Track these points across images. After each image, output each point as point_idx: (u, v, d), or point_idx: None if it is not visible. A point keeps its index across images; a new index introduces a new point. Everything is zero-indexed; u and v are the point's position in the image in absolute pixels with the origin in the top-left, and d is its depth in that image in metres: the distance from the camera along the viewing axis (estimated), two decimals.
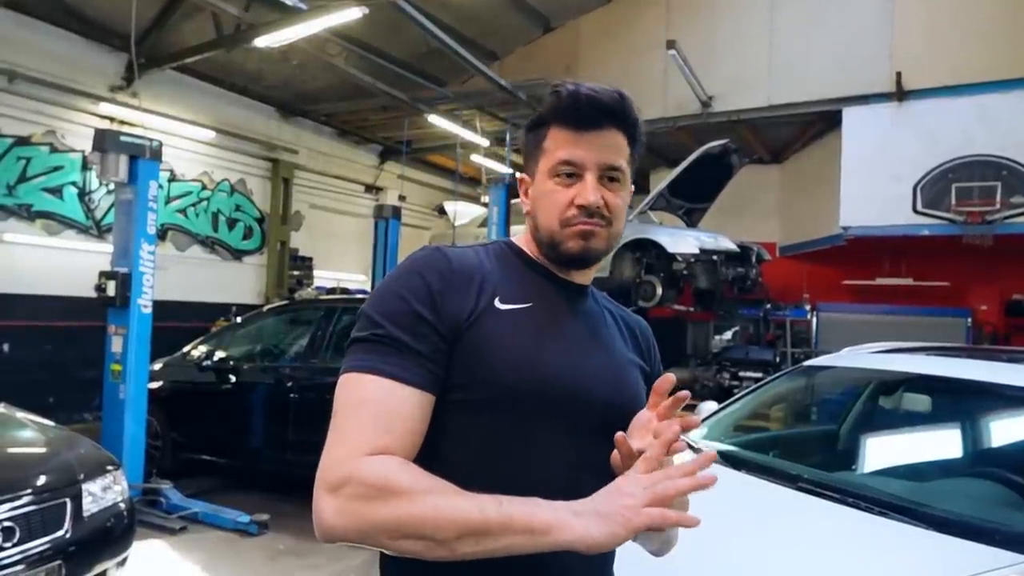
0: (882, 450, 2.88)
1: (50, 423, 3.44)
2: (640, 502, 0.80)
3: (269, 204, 10.14)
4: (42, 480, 2.80)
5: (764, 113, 9.55)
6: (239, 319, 6.51)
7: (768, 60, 9.43)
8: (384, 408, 0.88)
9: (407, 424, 0.88)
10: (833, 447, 3.10)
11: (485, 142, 10.09)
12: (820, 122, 9.80)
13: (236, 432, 5.37)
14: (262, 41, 6.96)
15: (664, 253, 7.73)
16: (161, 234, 8.19)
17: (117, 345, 4.69)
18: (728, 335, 10.41)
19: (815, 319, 10.05)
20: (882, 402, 3.10)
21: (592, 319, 1.09)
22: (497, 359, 0.93)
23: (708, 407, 3.25)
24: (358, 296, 7.37)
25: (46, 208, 7.41)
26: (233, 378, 5.45)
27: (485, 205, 9.95)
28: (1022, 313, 9.32)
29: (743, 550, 1.83)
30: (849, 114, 8.61)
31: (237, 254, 9.79)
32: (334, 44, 8.47)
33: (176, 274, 8.11)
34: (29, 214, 7.27)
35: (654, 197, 8.44)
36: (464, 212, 10.99)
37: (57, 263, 7.34)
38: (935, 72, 8.26)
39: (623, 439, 0.90)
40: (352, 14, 6.43)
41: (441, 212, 12.17)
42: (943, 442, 2.77)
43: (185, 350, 5.97)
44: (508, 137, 10.06)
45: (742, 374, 8.30)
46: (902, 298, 9.94)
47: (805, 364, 3.46)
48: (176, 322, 6.91)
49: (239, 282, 9.70)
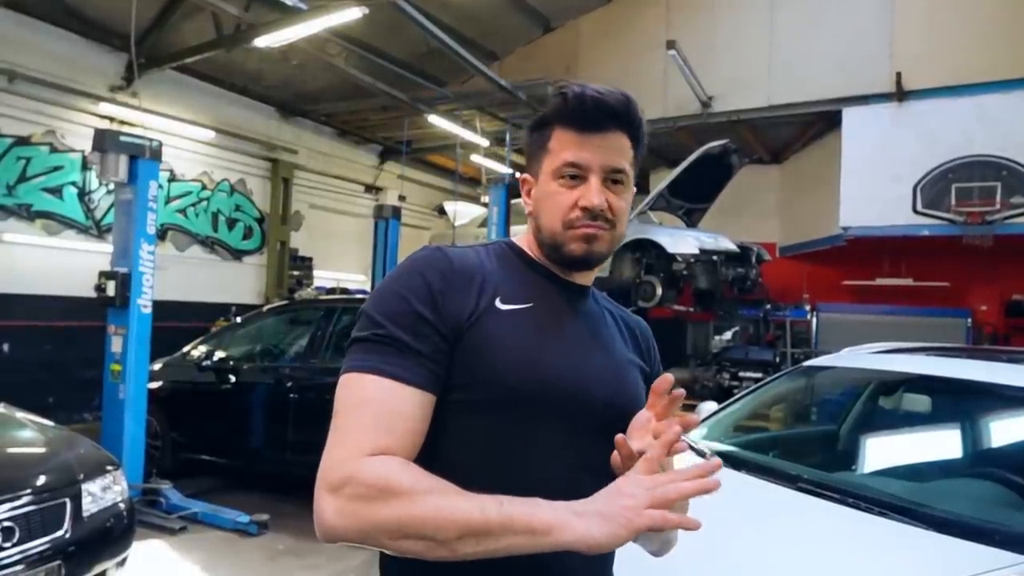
0: (882, 450, 2.88)
1: (50, 423, 3.44)
2: (642, 503, 0.80)
3: (269, 204, 10.14)
4: (42, 480, 2.80)
5: (764, 113, 9.55)
6: (239, 319, 6.51)
7: (768, 60, 9.43)
8: (385, 408, 0.87)
9: (408, 424, 0.88)
10: (833, 447, 3.10)
11: (485, 142, 10.09)
12: (820, 122, 9.81)
13: (236, 432, 5.36)
14: (262, 41, 6.96)
15: (664, 253, 7.73)
16: (161, 234, 8.19)
17: (117, 345, 4.69)
18: (728, 335, 10.41)
19: (815, 319, 10.05)
20: (882, 402, 3.10)
21: (592, 320, 1.09)
22: (498, 359, 0.93)
23: (708, 407, 3.25)
24: (358, 296, 7.37)
25: (46, 208, 7.41)
26: (233, 378, 5.45)
27: (485, 205, 9.95)
28: (1022, 313, 9.32)
29: (743, 550, 1.83)
30: (849, 114, 8.61)
31: (237, 254, 9.79)
32: (334, 44, 8.47)
33: (176, 274, 8.11)
34: (29, 214, 7.27)
35: (654, 197, 8.44)
36: (464, 212, 10.99)
37: (57, 263, 7.34)
38: (935, 72, 8.26)
39: (623, 441, 0.90)
40: (352, 14, 6.43)
41: (441, 212, 12.16)
42: (943, 442, 2.77)
43: (185, 350, 5.97)
44: (508, 137, 10.05)
45: (742, 374, 8.29)
46: (902, 298, 9.93)
47: (805, 364, 3.46)
48: (176, 322, 6.91)
49: (239, 282, 9.70)
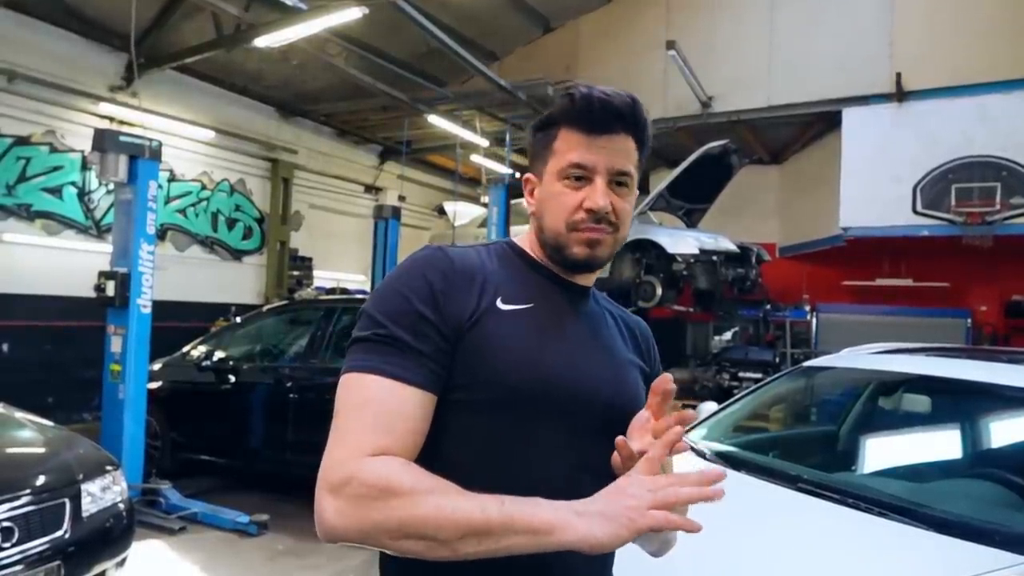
0: (882, 451, 2.88)
1: (49, 423, 3.44)
2: (644, 504, 0.80)
3: (269, 204, 10.14)
4: (41, 480, 2.80)
5: (764, 114, 9.55)
6: (239, 319, 6.51)
7: (768, 60, 9.43)
8: (385, 408, 0.87)
9: (409, 424, 0.88)
10: (833, 448, 3.10)
11: (485, 142, 10.08)
12: (820, 123, 9.81)
13: (235, 432, 5.36)
14: (262, 41, 6.96)
15: (664, 254, 7.73)
16: (160, 234, 8.19)
17: (116, 345, 4.69)
18: (728, 336, 10.41)
19: (815, 320, 10.05)
20: (882, 403, 3.10)
21: (593, 320, 1.09)
22: (499, 359, 0.93)
23: (708, 407, 3.25)
24: (358, 296, 7.37)
25: (46, 208, 7.41)
26: (232, 378, 5.45)
27: (485, 205, 9.94)
28: (1022, 314, 9.32)
29: (743, 551, 1.83)
30: (849, 115, 8.61)
31: (237, 254, 9.79)
32: (334, 44, 8.47)
33: (175, 274, 8.10)
34: (29, 214, 7.27)
35: (654, 198, 8.43)
36: (464, 212, 10.99)
37: (56, 263, 7.34)
38: (935, 73, 8.26)
39: (623, 442, 0.90)
40: (352, 14, 6.43)
41: (441, 212, 12.16)
42: (943, 443, 2.77)
43: (184, 350, 5.97)
44: (508, 137, 10.05)
45: (742, 375, 8.27)
46: (902, 299, 9.93)
47: (805, 365, 3.46)
48: (175, 322, 6.91)
49: (238, 282, 9.70)
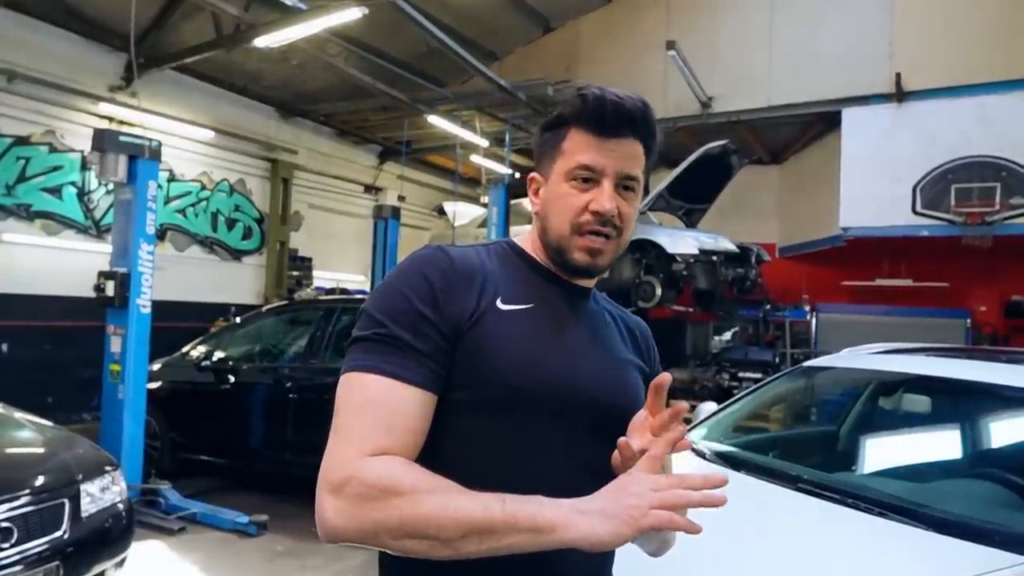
0: (882, 451, 2.88)
1: (48, 423, 3.43)
2: (646, 502, 0.80)
3: (268, 204, 10.13)
4: (40, 481, 2.79)
5: (764, 114, 9.55)
6: (238, 319, 6.51)
7: (768, 61, 9.43)
8: (386, 408, 0.87)
9: (409, 424, 0.88)
10: (833, 448, 3.10)
11: (485, 142, 10.08)
12: (820, 123, 9.81)
13: (235, 432, 5.36)
14: (262, 41, 6.95)
15: (664, 254, 7.73)
16: (160, 234, 8.19)
17: (116, 345, 4.69)
18: (727, 336, 10.41)
19: (814, 320, 10.05)
20: (882, 403, 3.10)
21: (593, 320, 1.09)
22: (499, 360, 0.93)
23: (707, 408, 3.25)
24: (357, 296, 7.37)
25: (45, 208, 7.41)
26: (232, 378, 5.45)
27: (484, 206, 9.94)
28: (1021, 314, 9.32)
29: (742, 551, 1.83)
30: (848, 115, 8.62)
31: (236, 254, 9.79)
32: (334, 44, 8.47)
33: (175, 274, 8.09)
34: (28, 214, 7.26)
35: (654, 198, 8.43)
36: (463, 212, 10.99)
37: (56, 263, 7.33)
38: (934, 73, 8.26)
39: (625, 443, 0.90)
40: (352, 14, 6.43)
41: (440, 212, 12.15)
42: (943, 443, 2.77)
43: (184, 350, 5.96)
44: (508, 137, 10.05)
45: (741, 375, 8.28)
46: (901, 299, 9.93)
47: (804, 365, 3.46)
48: (175, 322, 6.91)
49: (238, 282, 9.69)
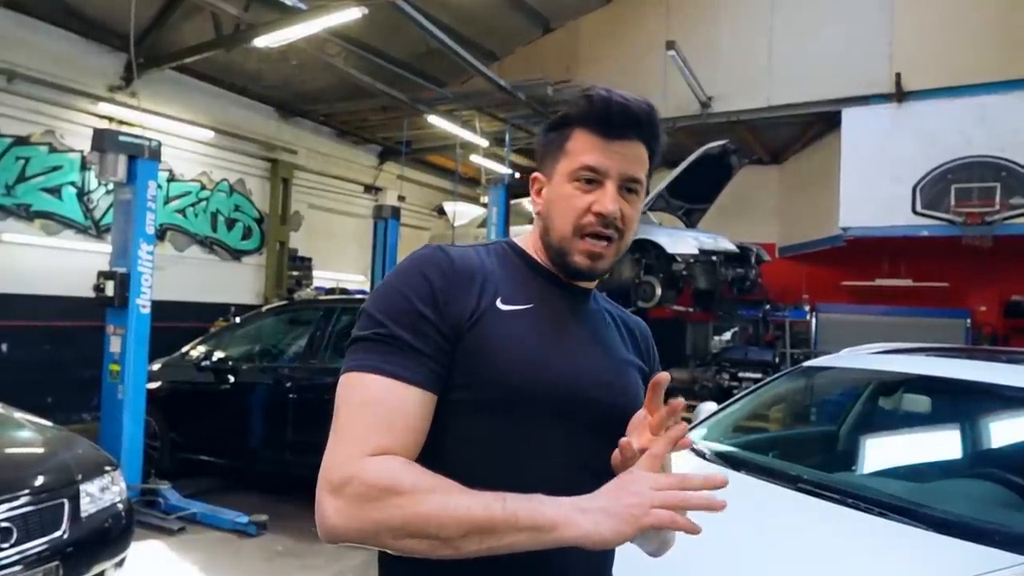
0: (882, 451, 2.88)
1: (48, 423, 3.43)
2: (648, 501, 0.80)
3: (268, 204, 10.13)
4: (40, 481, 2.79)
5: (763, 114, 9.55)
6: (238, 319, 6.51)
7: (768, 61, 9.43)
8: (386, 408, 0.87)
9: (409, 423, 0.88)
10: (833, 448, 3.10)
11: (484, 142, 10.08)
12: (819, 123, 9.80)
13: (235, 432, 5.36)
14: (261, 41, 6.95)
15: (663, 254, 7.72)
16: (160, 234, 8.18)
17: (116, 345, 4.68)
18: (727, 336, 10.40)
19: (814, 320, 10.05)
20: (882, 403, 3.10)
21: (593, 321, 1.09)
22: (499, 360, 0.93)
23: (707, 408, 3.25)
24: (357, 296, 7.36)
25: (45, 208, 7.40)
26: (232, 378, 5.45)
27: (484, 206, 9.94)
28: (1021, 314, 9.31)
29: (742, 551, 1.83)
30: (848, 115, 8.61)
31: (236, 254, 9.78)
32: (333, 44, 8.47)
33: (175, 274, 8.09)
34: (28, 214, 7.26)
35: (653, 198, 8.43)
36: (463, 212, 10.99)
37: (56, 263, 7.33)
38: (934, 73, 8.26)
39: (628, 444, 0.89)
40: (352, 14, 6.43)
41: (440, 212, 12.16)
42: (943, 443, 2.77)
43: (184, 350, 5.96)
44: (508, 137, 10.05)
45: (741, 375, 8.27)
46: (901, 299, 9.93)
47: (804, 365, 3.46)
48: (175, 322, 6.91)
49: (238, 282, 9.69)
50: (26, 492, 2.67)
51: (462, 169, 11.64)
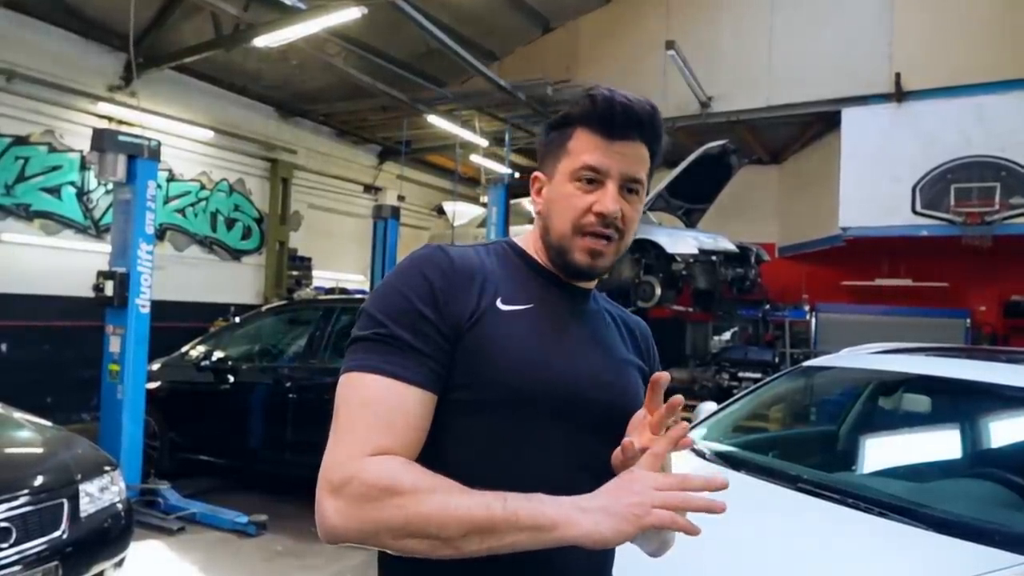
0: (882, 451, 2.88)
1: (47, 423, 3.43)
2: (649, 501, 0.80)
3: (268, 204, 10.12)
4: (39, 480, 2.79)
5: (763, 114, 9.55)
6: (237, 319, 6.50)
7: (768, 61, 9.44)
8: (386, 408, 0.87)
9: (409, 423, 0.88)
10: (833, 448, 3.09)
11: (484, 142, 10.08)
12: (819, 123, 9.81)
13: (234, 432, 5.35)
14: (261, 41, 6.95)
15: (663, 253, 7.72)
16: (159, 234, 8.17)
17: (115, 345, 4.68)
18: (727, 336, 10.40)
19: (814, 320, 10.05)
20: (881, 403, 3.10)
21: (593, 321, 1.09)
22: (499, 360, 0.93)
23: (707, 408, 3.25)
24: (357, 296, 7.36)
25: (44, 208, 7.40)
26: (231, 378, 5.45)
27: (484, 205, 9.94)
28: (1021, 314, 9.32)
29: (742, 551, 1.83)
30: (848, 115, 8.62)
31: (236, 254, 9.78)
32: (333, 44, 8.47)
33: (174, 274, 8.10)
34: (27, 214, 7.26)
35: (653, 198, 8.42)
36: (463, 212, 10.99)
37: (55, 263, 7.33)
38: (934, 73, 8.27)
39: (630, 444, 0.89)
40: (351, 14, 6.42)
41: (440, 212, 12.16)
42: (943, 443, 2.77)
43: (183, 350, 5.96)
44: (507, 137, 10.05)
45: (741, 374, 8.27)
46: (901, 299, 9.94)
47: (804, 365, 3.46)
48: (174, 322, 6.90)
49: (237, 282, 9.69)
50: (25, 492, 2.67)
51: (462, 169, 11.63)
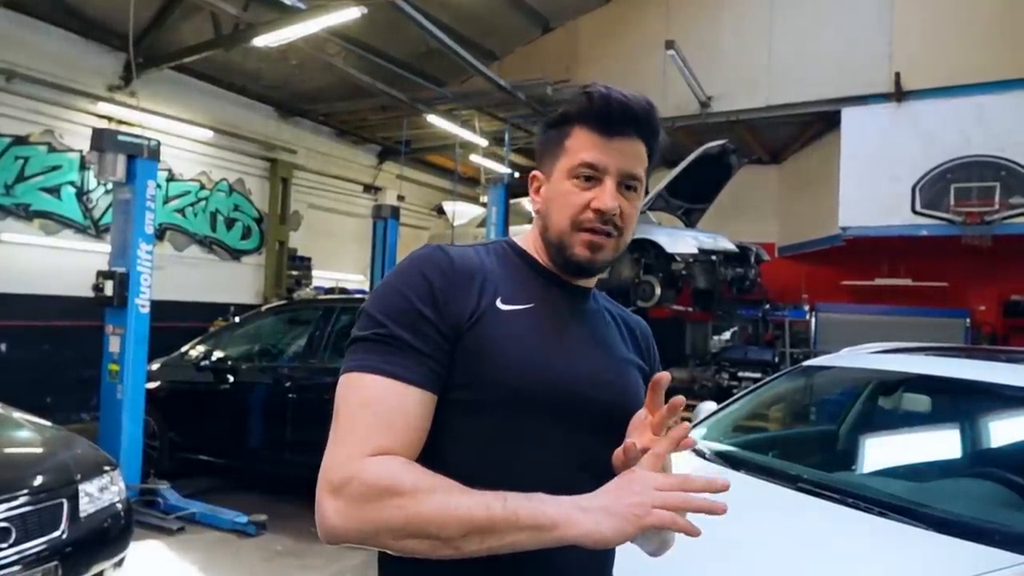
0: (882, 450, 2.88)
1: (47, 423, 3.43)
2: (650, 501, 0.80)
3: (267, 204, 10.12)
4: (39, 480, 2.79)
5: (763, 113, 9.55)
6: (237, 319, 6.50)
7: (767, 60, 9.44)
8: (385, 408, 0.87)
9: (409, 423, 0.88)
10: (832, 447, 3.09)
11: (484, 142, 10.08)
12: (819, 122, 9.81)
13: (234, 432, 5.35)
14: (261, 41, 6.94)
15: (663, 253, 7.72)
16: (159, 234, 8.17)
17: (115, 345, 4.68)
18: (727, 335, 10.40)
19: (814, 319, 10.05)
20: (881, 402, 3.10)
21: (593, 320, 1.09)
22: (499, 360, 0.93)
23: (707, 407, 3.24)
24: (357, 296, 7.36)
25: (44, 208, 7.40)
26: (231, 378, 5.45)
27: (484, 205, 9.94)
28: (1020, 314, 9.32)
29: (742, 551, 1.83)
30: (848, 114, 8.62)
31: (235, 254, 9.78)
32: (333, 44, 8.47)
33: (174, 274, 8.10)
34: (27, 213, 7.25)
35: (653, 197, 8.42)
36: (463, 212, 10.98)
37: (55, 263, 7.33)
38: (934, 73, 8.27)
39: (632, 444, 0.89)
40: (351, 14, 6.42)
41: (440, 212, 12.15)
42: (942, 442, 2.77)
43: (183, 350, 5.96)
44: (507, 137, 10.05)
45: (741, 374, 8.27)
46: (901, 298, 9.94)
47: (804, 364, 3.46)
48: (174, 322, 6.90)
49: (237, 282, 9.69)
50: (25, 492, 2.67)
51: (461, 169, 11.63)
